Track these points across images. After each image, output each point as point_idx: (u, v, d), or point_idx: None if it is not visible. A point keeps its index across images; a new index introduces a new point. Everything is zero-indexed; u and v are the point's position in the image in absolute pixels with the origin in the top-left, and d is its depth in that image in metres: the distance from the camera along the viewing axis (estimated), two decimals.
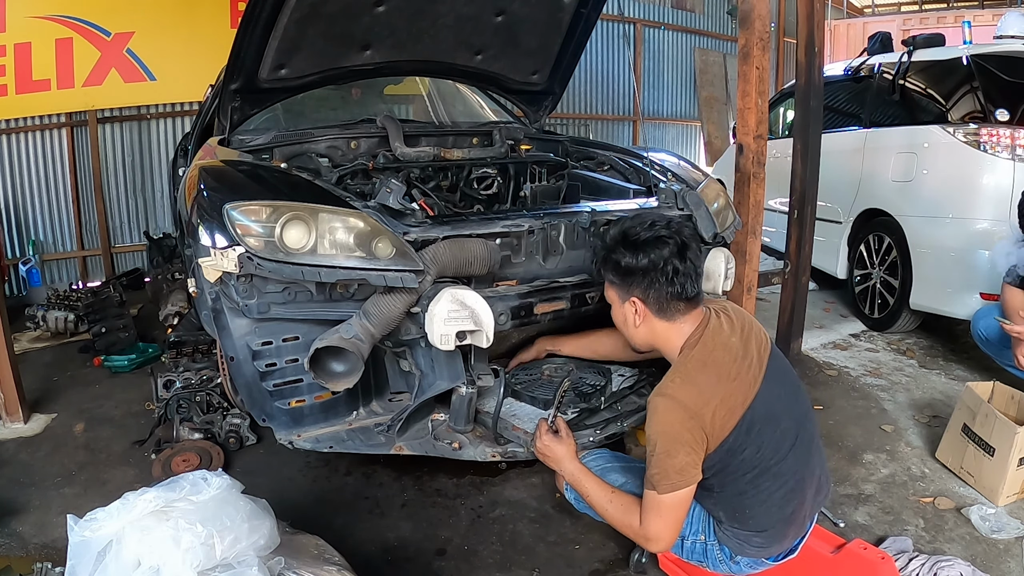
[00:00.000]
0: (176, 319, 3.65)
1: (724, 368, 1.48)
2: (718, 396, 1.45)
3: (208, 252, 1.78)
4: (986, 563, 1.90)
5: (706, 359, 1.49)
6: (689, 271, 1.53)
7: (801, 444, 1.54)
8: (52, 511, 2.15)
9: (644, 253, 1.54)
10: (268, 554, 1.39)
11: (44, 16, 4.65)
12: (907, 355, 3.54)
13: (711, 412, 1.44)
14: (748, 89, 2.91)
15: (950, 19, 9.57)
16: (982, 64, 3.39)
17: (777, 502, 1.52)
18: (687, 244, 1.55)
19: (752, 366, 1.51)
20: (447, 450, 1.97)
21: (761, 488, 1.50)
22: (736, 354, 1.51)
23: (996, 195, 3.17)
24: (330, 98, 3.29)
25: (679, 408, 1.44)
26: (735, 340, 1.53)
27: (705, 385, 1.46)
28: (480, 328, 1.81)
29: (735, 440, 1.46)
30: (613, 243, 1.60)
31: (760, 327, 1.63)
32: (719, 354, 1.50)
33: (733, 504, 1.54)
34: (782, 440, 1.50)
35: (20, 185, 4.86)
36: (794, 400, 1.58)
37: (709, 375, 1.47)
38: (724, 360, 1.49)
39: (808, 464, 1.57)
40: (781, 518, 1.54)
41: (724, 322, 1.56)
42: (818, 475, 1.60)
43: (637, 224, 1.59)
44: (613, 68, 7.87)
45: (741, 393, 1.47)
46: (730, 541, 1.57)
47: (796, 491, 1.54)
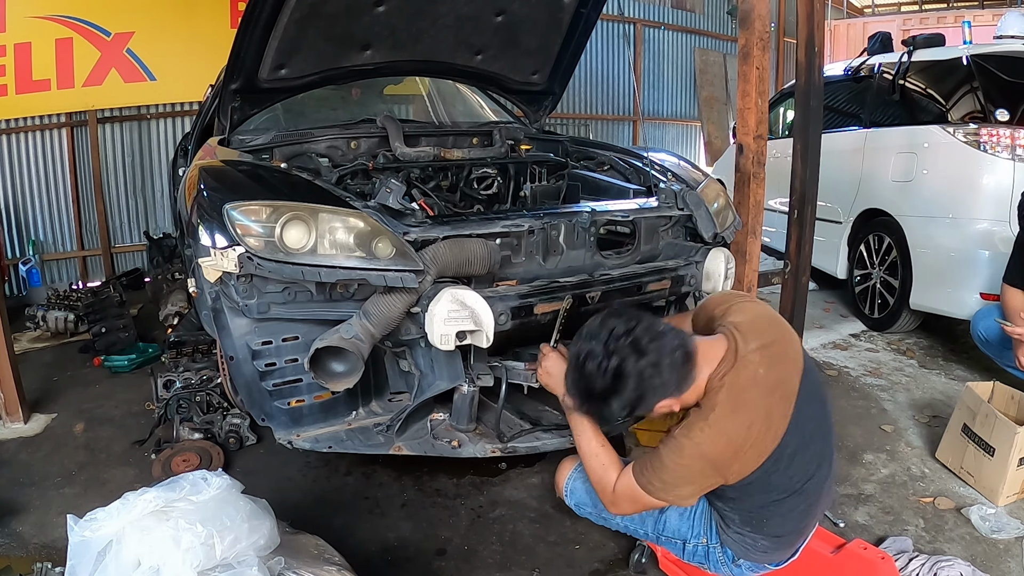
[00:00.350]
0: (176, 319, 3.66)
1: (756, 410, 1.39)
2: (749, 442, 1.38)
3: (208, 252, 1.78)
4: (986, 563, 1.90)
5: (736, 403, 1.38)
6: (658, 349, 1.37)
7: (824, 457, 1.51)
8: (52, 511, 2.15)
9: (621, 390, 1.38)
10: (268, 554, 1.39)
11: (44, 16, 4.65)
12: (907, 355, 3.54)
13: (739, 461, 1.39)
14: (748, 89, 2.92)
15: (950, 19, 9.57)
16: (982, 64, 3.39)
17: (798, 516, 1.51)
18: (634, 342, 1.37)
19: (784, 396, 1.42)
20: (446, 449, 1.97)
21: (785, 505, 1.48)
22: (768, 387, 1.40)
23: (996, 195, 3.17)
24: (330, 98, 3.29)
25: (703, 458, 1.39)
26: (763, 371, 1.41)
27: (737, 434, 1.37)
28: (480, 328, 1.81)
29: (762, 474, 1.42)
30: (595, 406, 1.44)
31: (791, 338, 1.51)
32: (750, 395, 1.39)
33: (751, 514, 1.52)
34: (811, 463, 1.47)
35: (20, 185, 4.86)
36: (823, 415, 1.53)
37: (739, 422, 1.38)
38: (755, 400, 1.39)
39: (828, 475, 1.55)
40: (796, 530, 1.54)
41: (752, 348, 1.42)
42: (828, 488, 1.59)
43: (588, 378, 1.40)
44: (613, 68, 7.88)
45: (773, 430, 1.39)
46: (735, 544, 1.55)
47: (814, 503, 1.53)
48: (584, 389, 1.43)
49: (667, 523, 1.63)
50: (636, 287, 2.24)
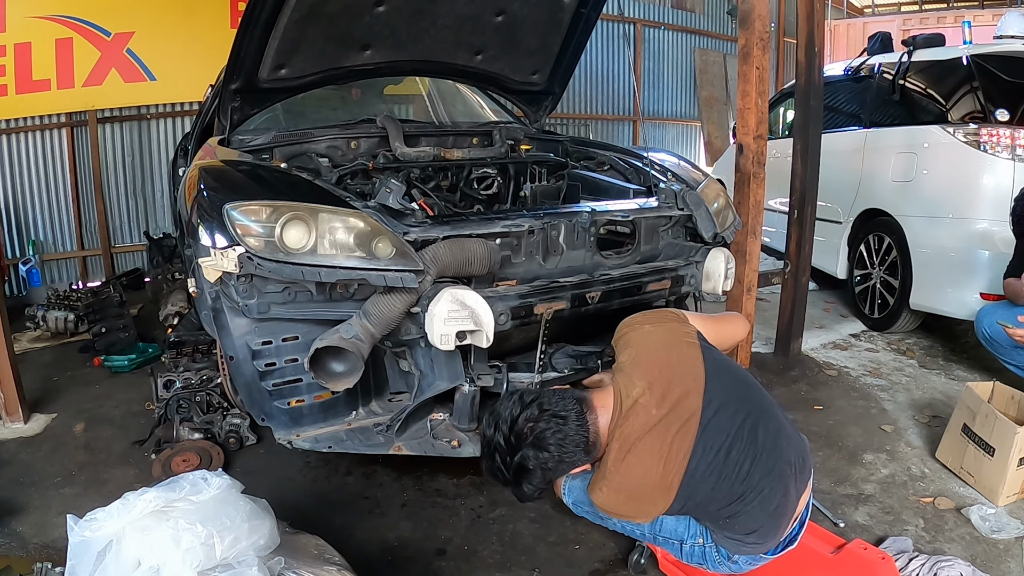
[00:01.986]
0: (176, 319, 3.66)
1: (650, 455, 1.40)
2: (649, 486, 1.41)
3: (208, 252, 1.78)
4: (986, 563, 1.90)
5: (628, 457, 1.40)
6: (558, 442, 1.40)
7: (766, 448, 1.48)
8: (52, 511, 2.15)
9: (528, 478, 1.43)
10: (268, 554, 1.39)
11: (44, 16, 4.65)
12: (907, 355, 3.54)
13: (647, 505, 1.44)
14: (748, 89, 2.92)
15: (950, 19, 9.57)
16: (982, 64, 3.39)
17: (758, 507, 1.49)
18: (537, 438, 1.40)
19: (683, 424, 1.41)
20: (446, 449, 1.97)
21: (738, 505, 1.48)
22: (663, 425, 1.41)
23: (996, 195, 3.17)
24: (330, 98, 3.29)
25: (615, 512, 1.49)
26: (655, 410, 1.41)
27: (634, 488, 1.42)
28: (480, 328, 1.81)
29: (684, 501, 1.45)
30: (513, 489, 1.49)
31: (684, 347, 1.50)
32: (643, 443, 1.40)
33: (716, 522, 1.54)
34: (738, 465, 1.44)
35: (20, 185, 4.86)
36: (740, 407, 1.48)
37: (633, 474, 1.41)
38: (648, 445, 1.40)
39: (780, 457, 1.50)
40: (767, 515, 1.52)
41: (638, 390, 1.43)
42: (794, 460, 1.53)
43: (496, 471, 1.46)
44: (613, 68, 7.88)
45: (675, 469, 1.40)
46: (726, 543, 1.56)
47: (775, 488, 1.49)
48: (495, 476, 1.48)
49: (664, 524, 1.63)
50: (636, 287, 2.24)
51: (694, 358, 1.49)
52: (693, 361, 1.49)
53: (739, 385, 1.54)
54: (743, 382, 1.56)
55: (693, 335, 1.55)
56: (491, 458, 1.47)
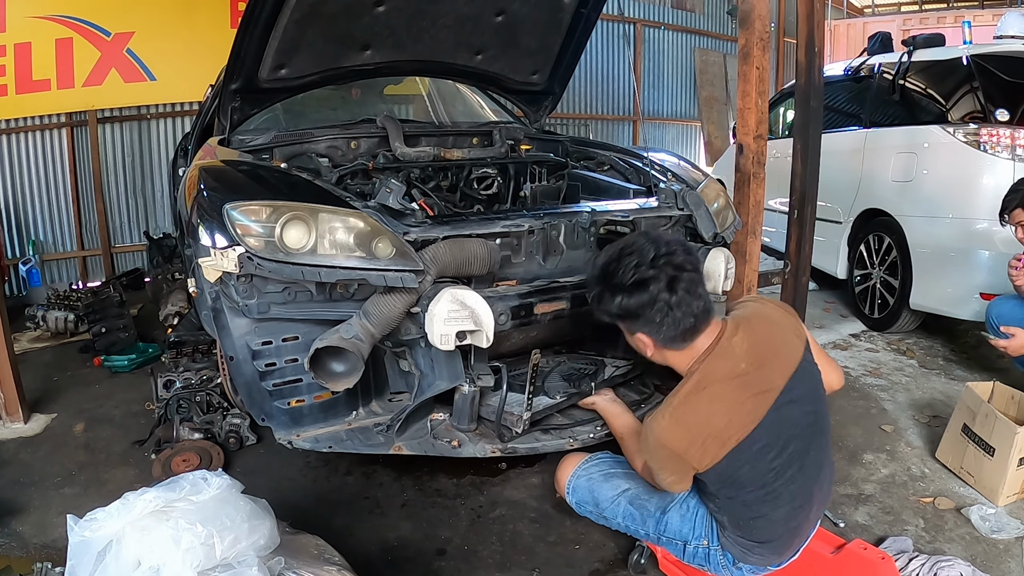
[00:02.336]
0: (176, 319, 3.65)
1: (721, 402, 1.42)
2: (709, 430, 1.41)
3: (208, 252, 1.78)
4: (986, 563, 1.90)
5: (702, 393, 1.43)
6: (684, 301, 1.43)
7: (811, 463, 1.50)
8: (52, 511, 2.15)
9: (632, 296, 1.44)
10: (268, 554, 1.39)
11: (44, 16, 4.65)
12: (907, 355, 3.54)
13: (698, 450, 1.42)
14: (748, 89, 2.92)
15: (950, 19, 9.57)
16: (982, 64, 3.39)
17: (782, 518, 1.50)
18: (676, 275, 1.43)
19: (760, 394, 1.43)
20: (446, 449, 1.97)
21: (764, 505, 1.48)
22: (741, 380, 1.43)
23: (996, 195, 3.13)
24: (330, 98, 3.29)
25: (665, 447, 1.45)
26: (744, 365, 1.44)
27: (694, 425, 1.42)
28: (480, 328, 1.81)
29: (730, 462, 1.43)
30: (600, 289, 1.51)
31: (788, 341, 1.52)
32: (719, 387, 1.42)
33: (737, 514, 1.52)
34: (787, 464, 1.46)
35: (20, 185, 4.86)
36: (813, 420, 1.51)
37: (700, 410, 1.42)
38: (723, 392, 1.42)
39: (817, 479, 1.53)
40: (786, 531, 1.53)
41: (739, 341, 1.46)
42: (826, 490, 1.58)
43: (620, 265, 1.47)
44: (613, 68, 7.88)
45: (739, 422, 1.41)
46: (733, 548, 1.56)
47: (803, 507, 1.52)
48: (607, 270, 1.49)
49: (668, 524, 1.63)
50: None
51: (796, 349, 1.51)
52: (794, 352, 1.51)
53: (817, 399, 1.56)
54: (821, 399, 1.58)
55: (803, 336, 1.57)
56: (623, 255, 1.47)
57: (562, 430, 2.01)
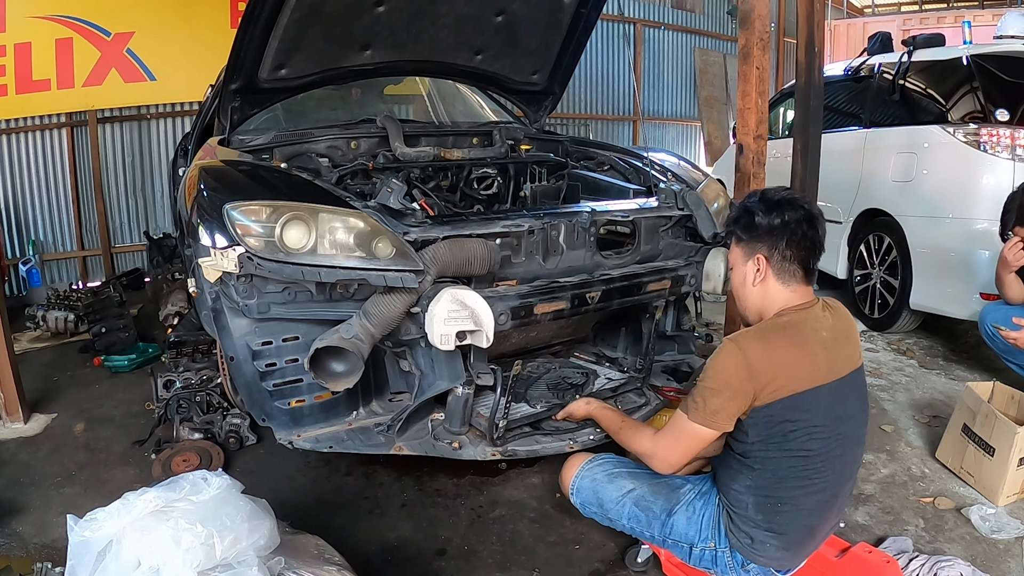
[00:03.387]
0: (176, 319, 3.66)
1: (803, 342, 1.48)
2: (785, 361, 1.45)
3: (208, 252, 1.78)
4: (986, 563, 1.90)
5: (789, 326, 1.50)
6: (816, 240, 1.53)
7: (846, 461, 1.53)
8: (52, 511, 2.15)
9: (778, 212, 1.53)
10: (268, 554, 1.39)
11: (44, 16, 4.65)
12: (907, 355, 3.54)
13: (770, 373, 1.44)
14: (748, 89, 2.92)
15: (950, 19, 9.57)
16: (982, 64, 3.39)
17: (808, 508, 1.50)
18: (817, 217, 1.55)
19: (831, 362, 1.50)
20: (447, 450, 1.97)
21: (797, 487, 1.47)
22: (820, 340, 1.50)
23: (996, 195, 3.15)
24: (330, 98, 3.29)
25: (740, 357, 1.45)
26: (826, 335, 1.51)
27: (776, 346, 1.47)
28: (480, 328, 1.81)
29: (785, 409, 1.44)
30: (751, 202, 1.60)
31: (857, 344, 1.61)
32: (804, 328, 1.50)
33: (767, 491, 1.49)
34: (834, 442, 1.48)
35: (20, 185, 4.86)
36: (858, 420, 1.57)
37: (783, 341, 1.48)
38: (806, 336, 1.49)
39: (848, 482, 1.58)
40: (806, 526, 1.52)
41: (827, 316, 1.55)
42: (845, 496, 1.60)
43: (774, 188, 1.62)
44: (613, 68, 7.88)
45: (809, 371, 1.46)
46: (744, 547, 1.53)
47: (828, 504, 1.53)
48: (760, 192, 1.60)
49: (675, 526, 1.61)
50: (636, 287, 2.24)
51: (859, 352, 1.60)
52: (858, 353, 1.60)
53: (864, 409, 1.61)
54: (865, 412, 1.63)
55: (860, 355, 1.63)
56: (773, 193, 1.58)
57: (562, 432, 2.01)
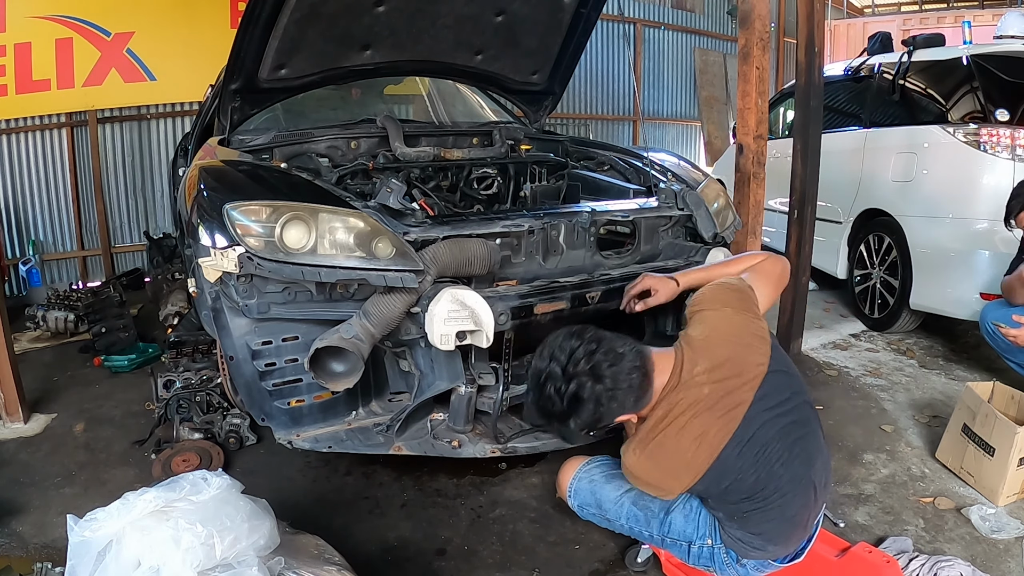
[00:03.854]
0: (176, 319, 3.66)
1: (688, 433, 1.42)
2: (677, 464, 1.44)
3: (208, 252, 1.78)
4: (986, 563, 1.90)
5: (666, 428, 1.43)
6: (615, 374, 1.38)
7: (800, 457, 1.50)
8: (52, 511, 2.15)
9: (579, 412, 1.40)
10: (268, 554, 1.39)
11: (44, 16, 4.65)
12: (907, 355, 3.54)
13: (671, 480, 1.46)
14: (748, 89, 2.92)
15: (950, 19, 9.57)
16: (982, 64, 3.39)
17: (776, 510, 1.50)
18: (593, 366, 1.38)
19: (726, 414, 1.43)
20: (446, 449, 1.97)
21: (757, 503, 1.48)
22: (707, 406, 1.43)
23: (996, 195, 3.15)
24: (330, 98, 3.29)
25: (638, 480, 1.51)
26: (707, 390, 1.43)
27: (663, 459, 1.44)
28: (480, 328, 1.81)
29: (707, 484, 1.46)
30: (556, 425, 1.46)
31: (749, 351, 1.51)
32: (682, 420, 1.42)
33: (731, 510, 1.53)
34: (772, 463, 1.46)
35: (20, 185, 4.86)
36: (791, 416, 1.51)
37: (666, 448, 1.43)
38: (688, 422, 1.42)
39: (811, 470, 1.52)
40: (783, 520, 1.52)
41: (699, 369, 1.44)
42: (821, 478, 1.56)
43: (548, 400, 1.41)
44: (613, 68, 7.87)
45: (707, 451, 1.42)
46: (735, 544, 1.55)
47: (798, 496, 1.51)
48: (543, 409, 1.45)
49: (672, 525, 1.62)
50: None
51: (762, 355, 1.51)
52: (760, 357, 1.50)
53: (794, 393, 1.55)
54: (799, 392, 1.56)
55: (767, 332, 1.56)
56: (542, 389, 1.42)
57: None
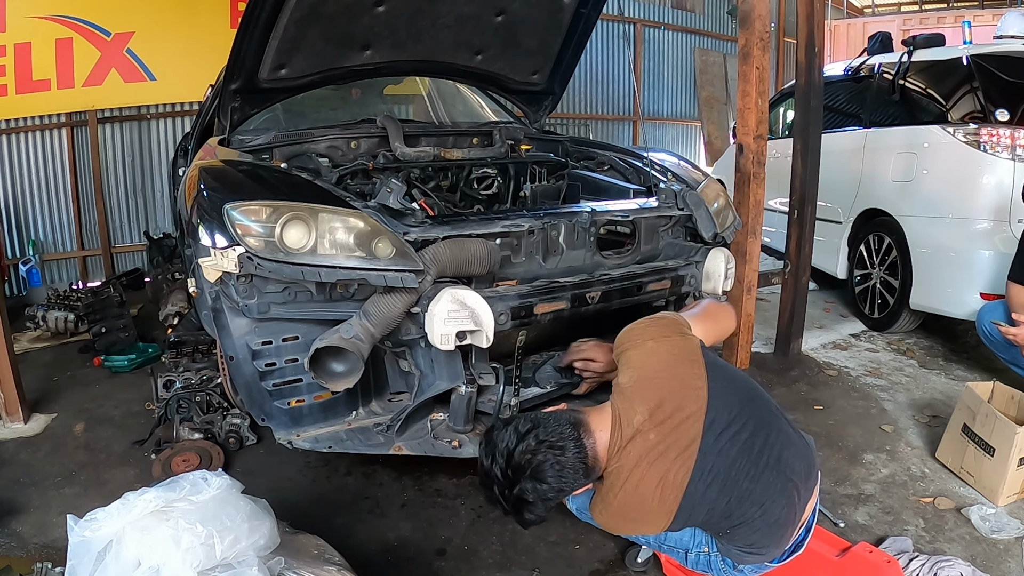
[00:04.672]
0: (176, 319, 3.66)
1: (648, 483, 1.39)
2: (645, 511, 1.42)
3: (208, 252, 1.78)
4: (986, 563, 1.90)
5: (624, 485, 1.40)
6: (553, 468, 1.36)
7: (768, 465, 1.44)
8: (52, 511, 2.15)
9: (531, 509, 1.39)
10: (268, 554, 1.39)
11: (44, 16, 4.65)
12: (907, 355, 3.54)
13: (646, 526, 1.50)
14: (748, 89, 2.92)
15: (950, 19, 9.57)
16: (982, 64, 3.39)
17: (760, 521, 1.46)
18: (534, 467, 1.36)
19: (681, 451, 1.39)
20: (447, 449, 1.97)
21: (735, 521, 1.46)
22: (657, 452, 1.39)
23: (996, 195, 3.17)
24: (330, 98, 3.29)
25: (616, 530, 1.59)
26: (653, 436, 1.39)
27: (630, 512, 1.44)
28: (480, 328, 1.81)
29: (684, 518, 1.44)
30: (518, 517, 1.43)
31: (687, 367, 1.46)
32: (637, 473, 1.39)
33: (715, 527, 1.52)
34: (740, 482, 1.42)
35: (20, 185, 4.86)
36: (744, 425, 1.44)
37: (630, 503, 1.42)
38: (644, 473, 1.39)
39: (784, 471, 1.46)
40: (769, 526, 1.49)
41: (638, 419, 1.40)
42: (799, 469, 1.50)
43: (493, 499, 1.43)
44: (613, 68, 7.88)
45: (672, 492, 1.39)
46: (730, 552, 1.55)
47: (778, 502, 1.46)
48: (496, 505, 1.45)
49: (668, 534, 1.61)
50: (636, 287, 2.24)
51: (697, 378, 1.45)
52: (696, 381, 1.44)
53: (743, 401, 1.49)
54: (748, 396, 1.51)
55: (697, 350, 1.50)
56: (490, 489, 1.44)
57: None
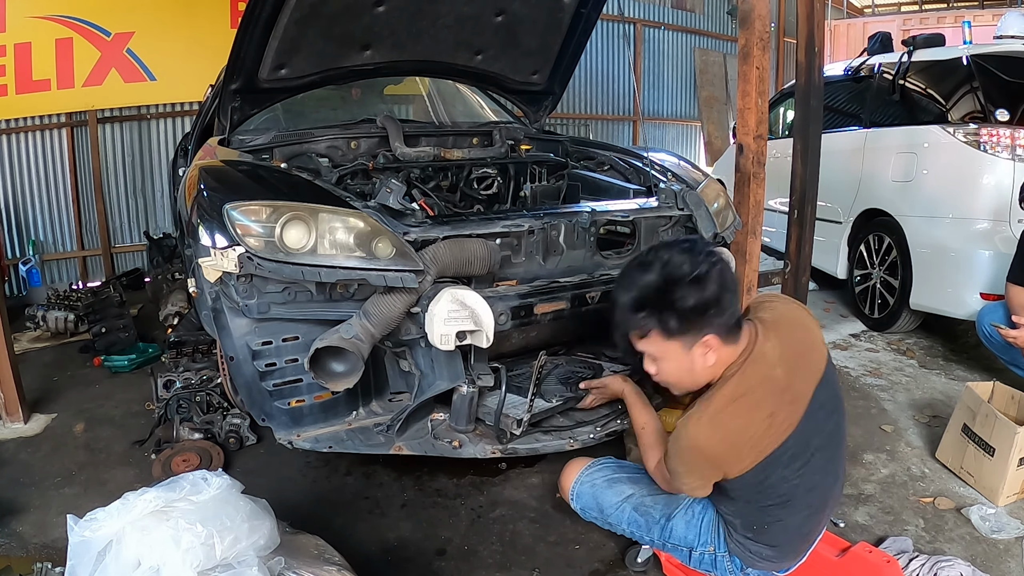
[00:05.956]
0: (176, 319, 3.66)
1: (758, 403, 1.38)
2: (745, 440, 1.38)
3: (208, 252, 1.78)
4: (986, 563, 1.90)
5: (740, 400, 1.38)
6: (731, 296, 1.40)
7: (831, 470, 1.51)
8: (52, 511, 2.15)
9: (711, 282, 1.36)
10: (268, 554, 1.39)
11: (44, 16, 4.65)
12: (907, 355, 3.54)
13: (734, 457, 1.40)
14: (748, 89, 2.92)
15: (950, 19, 9.58)
16: (982, 64, 3.39)
17: (797, 524, 1.50)
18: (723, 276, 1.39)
19: (793, 401, 1.40)
20: (447, 449, 1.97)
21: (782, 510, 1.47)
22: (777, 387, 1.40)
23: (996, 195, 3.17)
24: (330, 98, 3.29)
25: (699, 451, 1.41)
26: (779, 372, 1.40)
27: (732, 428, 1.38)
28: (480, 328, 1.81)
29: (757, 473, 1.41)
30: (670, 288, 1.37)
31: (816, 346, 1.50)
32: (756, 394, 1.39)
33: (752, 518, 1.51)
34: (812, 472, 1.45)
35: (20, 185, 4.86)
36: (835, 429, 1.51)
37: (738, 418, 1.38)
38: (760, 399, 1.38)
39: (834, 486, 1.55)
40: (798, 536, 1.53)
41: (771, 347, 1.42)
42: (838, 493, 1.58)
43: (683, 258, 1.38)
44: (613, 68, 7.88)
45: (774, 432, 1.39)
46: (741, 552, 1.54)
47: (818, 511, 1.53)
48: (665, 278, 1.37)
49: (673, 531, 1.62)
50: None
51: (822, 355, 1.49)
52: (820, 357, 1.49)
53: (839, 404, 1.54)
54: (842, 404, 1.56)
55: (824, 345, 1.53)
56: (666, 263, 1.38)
57: (562, 431, 2.01)
